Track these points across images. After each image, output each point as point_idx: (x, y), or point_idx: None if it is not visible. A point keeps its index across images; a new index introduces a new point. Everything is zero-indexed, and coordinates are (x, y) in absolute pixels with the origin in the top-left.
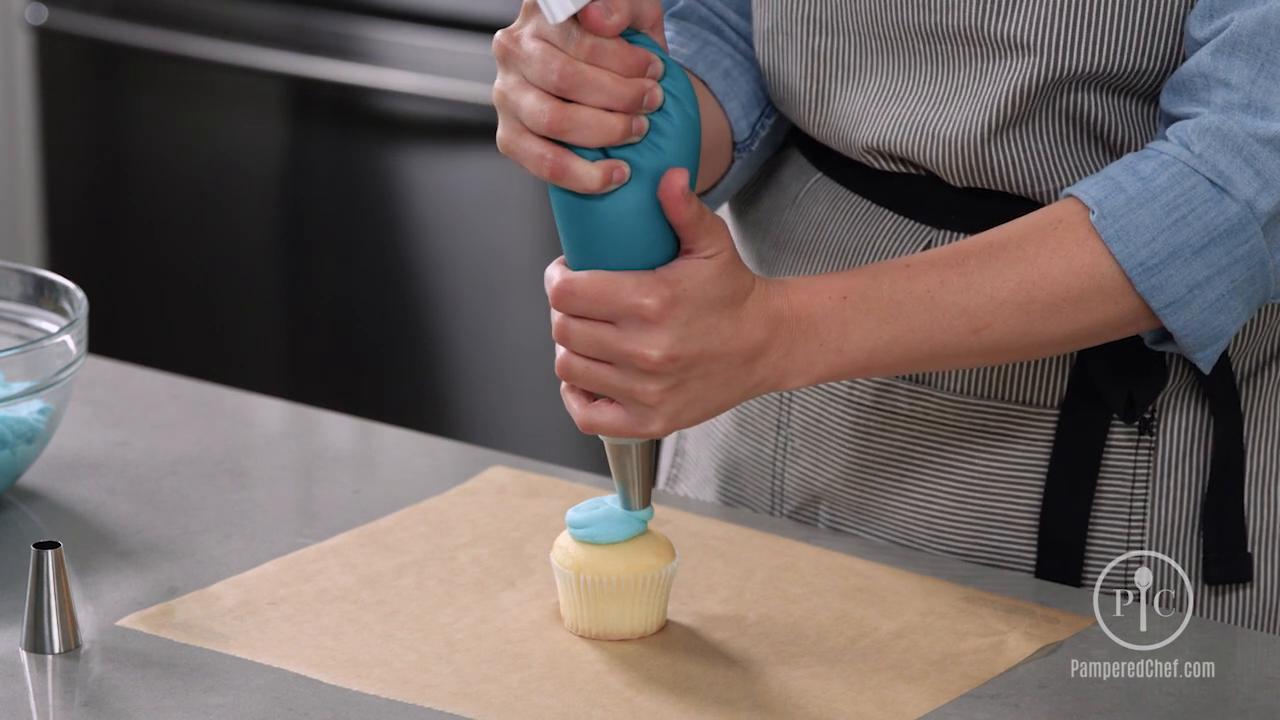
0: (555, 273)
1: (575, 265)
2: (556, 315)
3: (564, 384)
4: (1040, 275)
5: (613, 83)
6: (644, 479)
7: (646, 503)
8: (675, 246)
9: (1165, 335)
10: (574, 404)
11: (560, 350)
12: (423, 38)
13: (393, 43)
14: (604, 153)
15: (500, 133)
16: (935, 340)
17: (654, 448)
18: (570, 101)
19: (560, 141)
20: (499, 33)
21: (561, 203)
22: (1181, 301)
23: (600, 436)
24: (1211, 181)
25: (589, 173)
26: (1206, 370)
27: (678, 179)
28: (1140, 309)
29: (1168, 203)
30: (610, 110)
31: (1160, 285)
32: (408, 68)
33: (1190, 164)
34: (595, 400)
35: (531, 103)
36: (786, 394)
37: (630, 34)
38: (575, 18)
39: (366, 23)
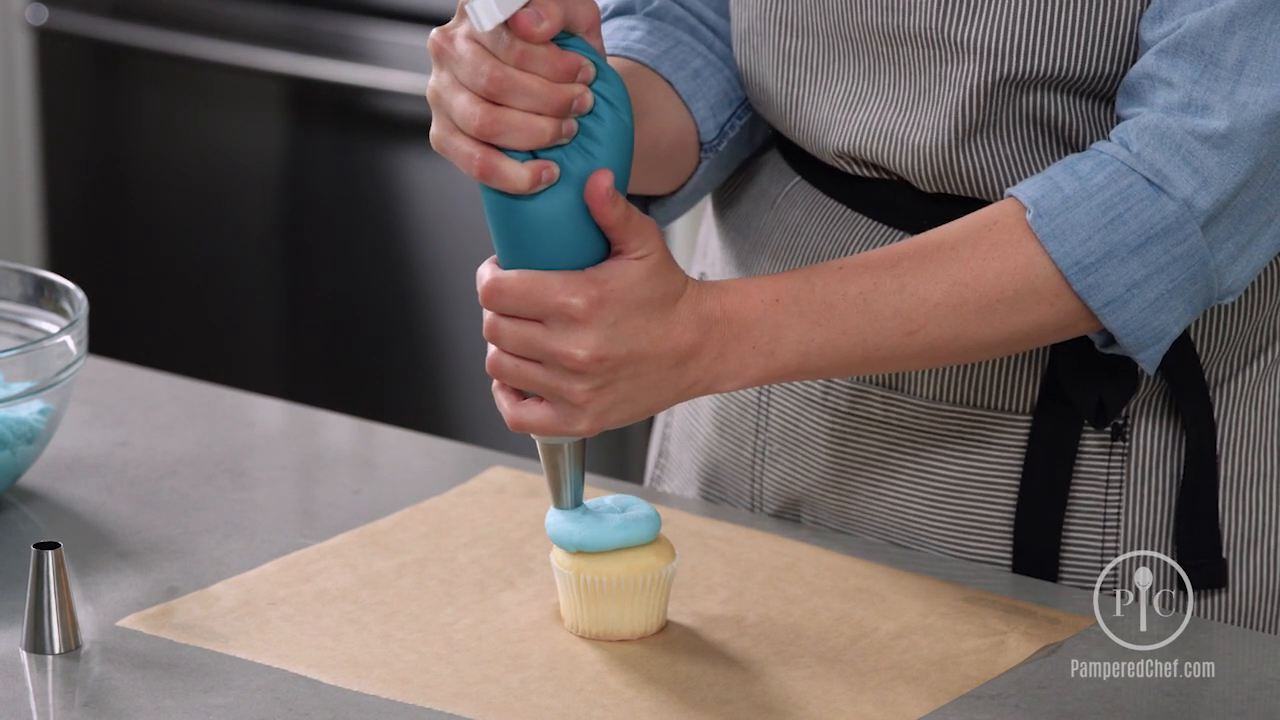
0: (486, 271)
1: (506, 264)
2: (487, 314)
3: (495, 382)
4: (973, 276)
5: (542, 88)
6: (575, 478)
7: (578, 502)
8: (606, 249)
9: (1112, 338)
10: (504, 402)
11: (491, 348)
12: (423, 38)
13: (393, 43)
14: (533, 154)
15: (433, 130)
16: (869, 343)
17: (585, 447)
18: (500, 105)
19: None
20: (434, 30)
21: (492, 202)
22: (1120, 300)
23: (531, 436)
24: (1149, 180)
25: (518, 173)
26: (1150, 371)
27: (603, 180)
28: (1078, 309)
29: (1104, 201)
30: (540, 114)
31: (1097, 284)
32: (408, 68)
33: (1128, 162)
34: (525, 399)
35: (463, 104)
36: (764, 398)
37: (564, 38)
38: (505, 23)
39: (366, 23)
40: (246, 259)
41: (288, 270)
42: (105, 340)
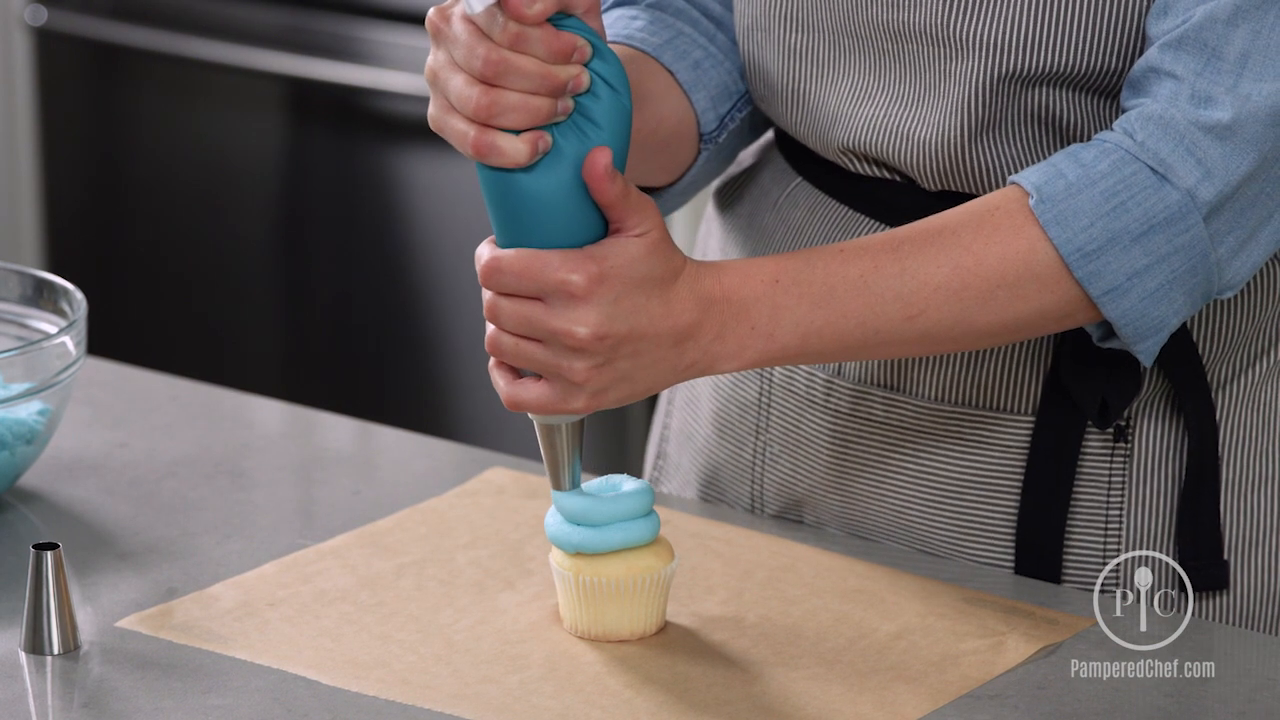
0: (484, 250)
1: (504, 244)
2: (486, 294)
3: (491, 360)
4: (975, 261)
5: (537, 69)
6: (573, 458)
7: (576, 484)
8: (605, 227)
9: (1110, 331)
10: (500, 380)
11: (490, 327)
12: (423, 38)
13: (392, 43)
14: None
15: (430, 110)
16: (868, 326)
17: (583, 428)
18: (496, 86)
19: None
20: (432, 9)
21: (489, 180)
22: (1120, 289)
23: (529, 416)
24: (1152, 169)
25: (515, 147)
26: (1148, 363)
27: (600, 158)
28: (1078, 298)
29: (1107, 189)
30: (536, 94)
31: (1098, 271)
32: (408, 68)
33: (1132, 151)
34: (521, 377)
35: (459, 86)
36: (765, 399)
37: (560, 18)
38: (499, 4)
39: (366, 23)
40: (246, 259)
41: (288, 270)
42: (104, 341)
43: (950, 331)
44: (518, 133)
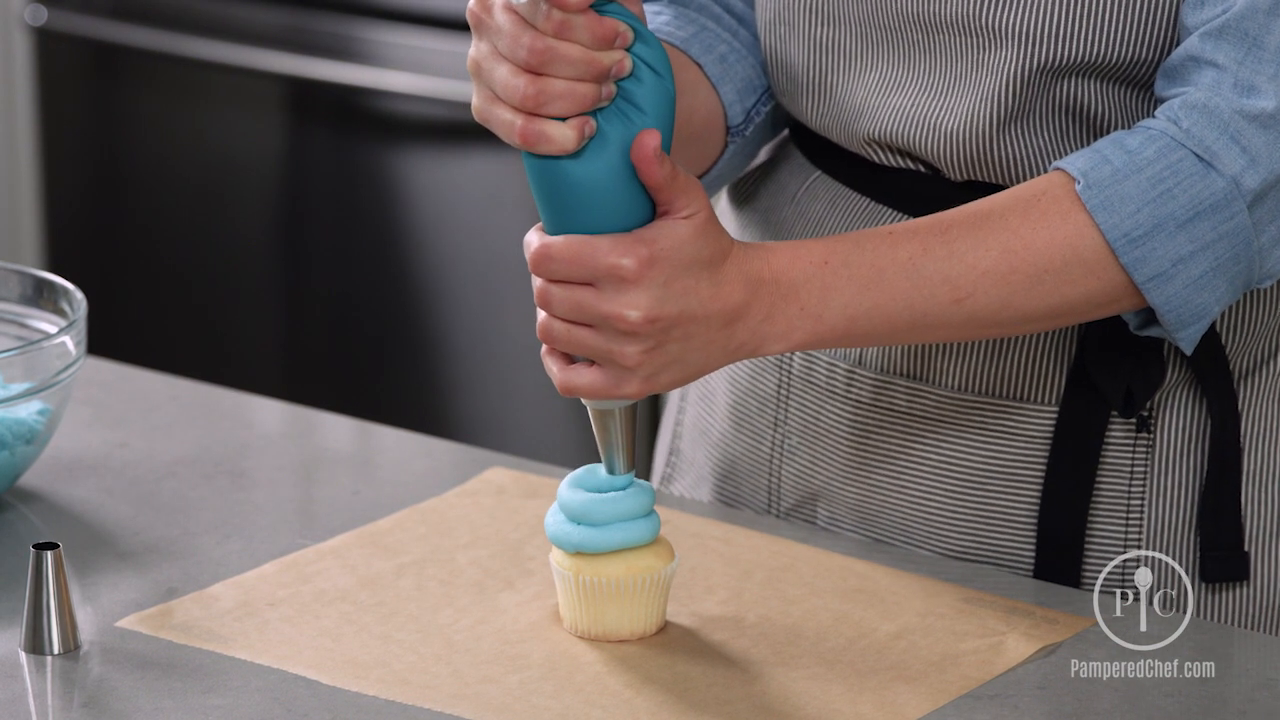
0: (533, 238)
1: (552, 231)
2: (537, 281)
3: (544, 348)
4: (1023, 245)
5: (582, 56)
6: (628, 442)
7: (631, 466)
8: (652, 211)
9: (1149, 319)
10: (553, 367)
11: (541, 314)
12: (423, 38)
13: (393, 43)
14: None
15: (475, 101)
16: (916, 309)
17: (636, 411)
18: (542, 75)
19: None
20: (471, 0)
21: (536, 169)
22: (1165, 276)
23: (582, 401)
24: (1198, 156)
25: (563, 133)
26: (1189, 351)
27: (649, 140)
28: (1123, 284)
29: (1154, 175)
30: (581, 80)
31: (1144, 258)
32: (408, 68)
33: (1177, 138)
34: (574, 363)
35: (505, 76)
36: (784, 391)
37: (601, 3)
38: None
39: (366, 23)
40: (246, 259)
41: (288, 270)
42: (104, 341)
43: (996, 316)
44: (563, 120)
